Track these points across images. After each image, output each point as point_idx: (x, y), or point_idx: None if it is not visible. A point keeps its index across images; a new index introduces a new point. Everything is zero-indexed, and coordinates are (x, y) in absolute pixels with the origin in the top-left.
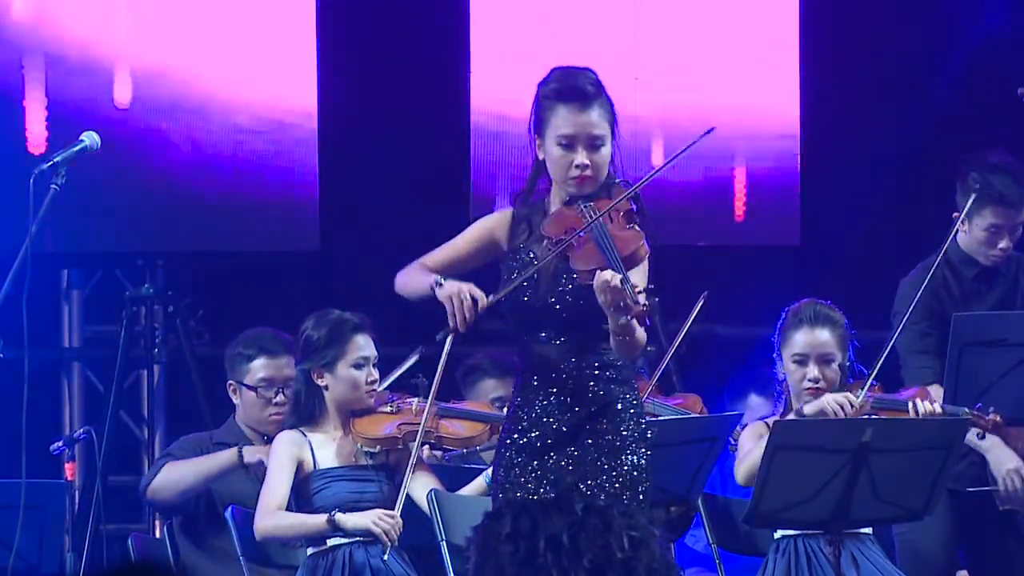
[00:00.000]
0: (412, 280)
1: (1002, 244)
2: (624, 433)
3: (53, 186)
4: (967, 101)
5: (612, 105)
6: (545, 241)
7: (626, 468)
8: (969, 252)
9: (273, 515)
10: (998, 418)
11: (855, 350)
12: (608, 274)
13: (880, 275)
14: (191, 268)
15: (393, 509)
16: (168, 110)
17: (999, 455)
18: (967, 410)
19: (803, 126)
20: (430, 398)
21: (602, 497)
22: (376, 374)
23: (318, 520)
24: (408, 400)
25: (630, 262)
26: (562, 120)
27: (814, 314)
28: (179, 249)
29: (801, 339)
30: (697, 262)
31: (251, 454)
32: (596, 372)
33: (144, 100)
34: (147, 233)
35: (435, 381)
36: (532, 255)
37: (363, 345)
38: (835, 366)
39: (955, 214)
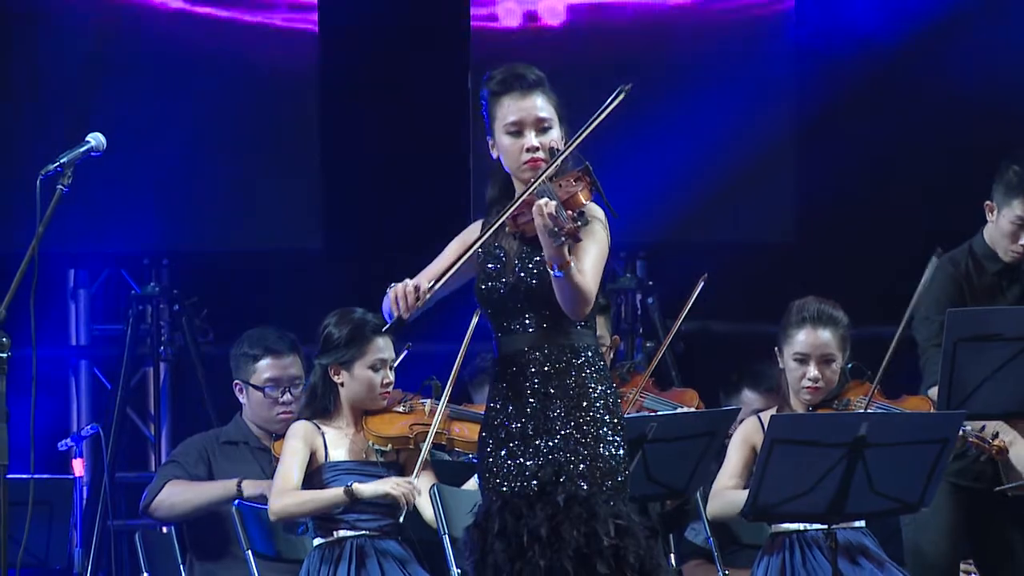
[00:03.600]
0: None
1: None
2: (601, 424)
3: (60, 187)
4: (962, 99)
5: (559, 97)
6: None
7: (605, 457)
8: (992, 245)
9: (288, 494)
10: (1003, 443)
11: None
12: (543, 200)
13: (874, 272)
14: (196, 267)
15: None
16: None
17: (1022, 449)
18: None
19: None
20: (443, 400)
21: (584, 487)
22: (392, 376)
23: (334, 492)
24: (421, 401)
25: (569, 204)
26: (507, 109)
27: (817, 313)
28: (184, 248)
29: (803, 338)
30: (694, 258)
31: (251, 487)
32: (567, 360)
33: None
34: (152, 233)
35: (449, 384)
36: (501, 251)
37: (382, 347)
38: (835, 366)
39: (987, 203)
